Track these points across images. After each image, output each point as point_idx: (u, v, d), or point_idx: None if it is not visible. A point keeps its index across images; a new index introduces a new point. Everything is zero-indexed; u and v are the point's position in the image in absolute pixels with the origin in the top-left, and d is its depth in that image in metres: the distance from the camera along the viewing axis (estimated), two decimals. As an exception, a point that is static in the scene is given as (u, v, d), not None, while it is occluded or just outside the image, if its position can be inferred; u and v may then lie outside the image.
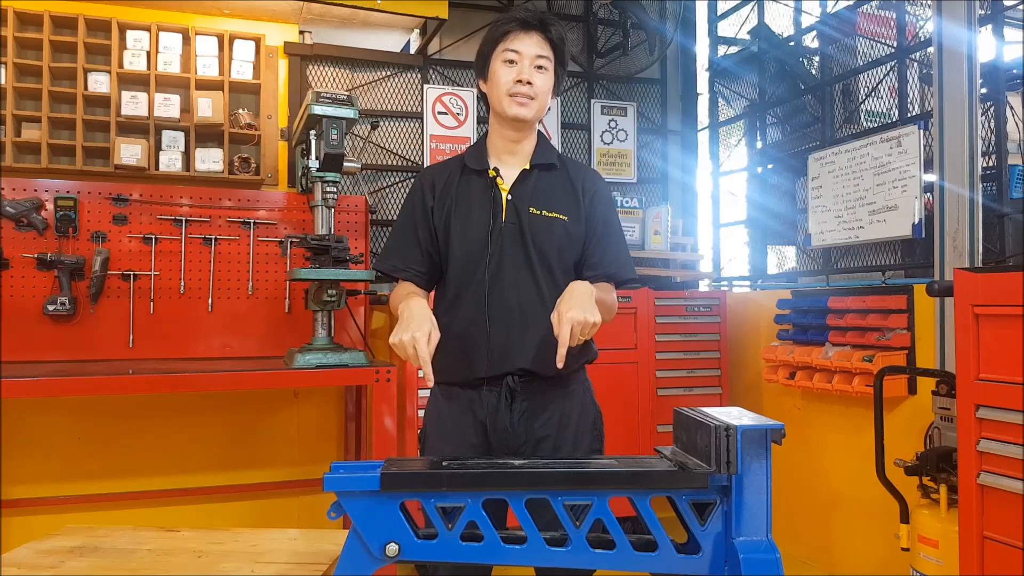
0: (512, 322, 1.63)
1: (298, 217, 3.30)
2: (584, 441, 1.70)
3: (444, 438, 1.69)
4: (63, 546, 1.67)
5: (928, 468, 2.19)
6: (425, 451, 1.74)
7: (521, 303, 1.64)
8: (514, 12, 1.69)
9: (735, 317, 3.58)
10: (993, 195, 2.55)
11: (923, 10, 2.94)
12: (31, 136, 3.01)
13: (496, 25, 1.69)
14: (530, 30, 1.66)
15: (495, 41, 1.68)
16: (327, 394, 3.45)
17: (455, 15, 3.53)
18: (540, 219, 1.67)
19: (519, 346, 1.63)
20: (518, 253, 1.65)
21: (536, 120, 1.71)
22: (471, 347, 1.64)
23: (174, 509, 3.17)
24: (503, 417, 1.64)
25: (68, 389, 2.45)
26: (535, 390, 1.65)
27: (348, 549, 1.11)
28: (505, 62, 1.66)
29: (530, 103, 1.65)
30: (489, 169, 1.70)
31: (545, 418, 1.66)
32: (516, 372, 1.63)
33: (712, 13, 4.20)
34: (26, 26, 3.06)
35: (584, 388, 1.75)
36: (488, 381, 1.64)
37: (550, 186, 1.71)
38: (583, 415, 1.72)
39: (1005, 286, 1.80)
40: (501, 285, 1.64)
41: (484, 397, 1.65)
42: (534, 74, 1.65)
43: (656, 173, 4.25)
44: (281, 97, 3.44)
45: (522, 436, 1.65)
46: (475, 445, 1.66)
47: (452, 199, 1.70)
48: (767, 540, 1.10)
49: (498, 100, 1.67)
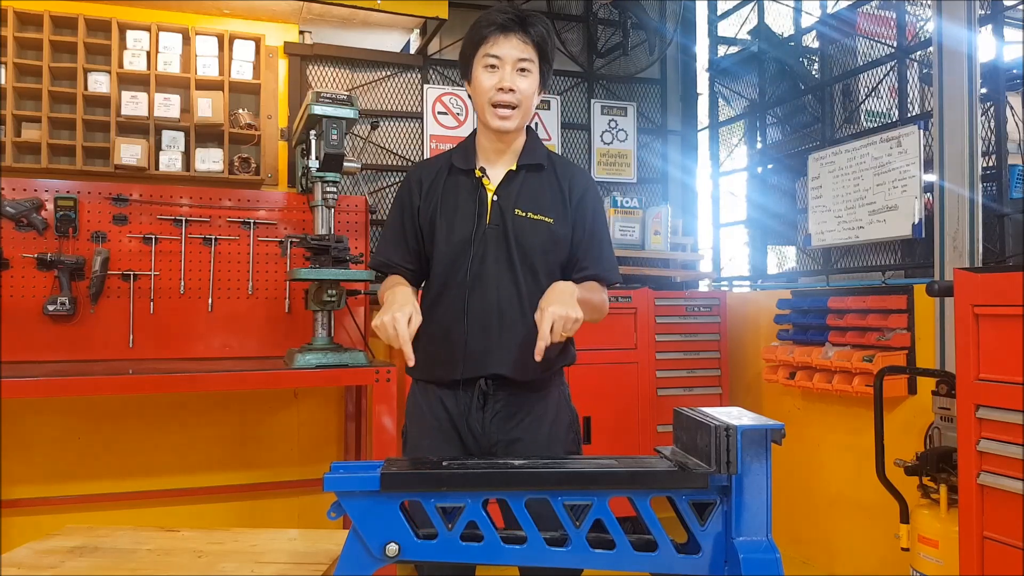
0: (490, 325, 1.63)
1: (298, 217, 3.30)
2: (559, 443, 1.70)
3: (423, 433, 1.70)
4: (63, 546, 1.67)
5: (928, 468, 2.19)
6: (407, 445, 1.75)
7: (501, 306, 1.63)
8: (492, 14, 1.63)
9: (735, 317, 3.58)
10: (993, 195, 2.55)
11: (923, 10, 2.95)
12: (31, 136, 3.01)
13: (475, 27, 1.64)
14: (509, 32, 1.61)
15: (475, 45, 1.64)
16: (327, 394, 3.44)
17: (455, 15, 3.53)
18: (525, 221, 1.65)
19: (496, 350, 1.63)
20: (501, 255, 1.64)
21: (522, 126, 1.69)
22: (449, 348, 1.65)
23: (174, 509, 3.16)
24: (475, 418, 1.65)
25: (68, 389, 2.45)
26: (509, 393, 1.65)
27: (348, 549, 1.11)
28: (486, 67, 1.62)
29: (512, 114, 1.62)
30: (476, 169, 1.69)
31: (518, 420, 1.66)
32: (490, 376, 1.63)
33: (712, 13, 4.20)
34: (26, 26, 3.06)
35: (560, 391, 1.75)
36: (463, 383, 1.65)
37: (537, 187, 1.70)
38: (558, 418, 1.71)
39: (1005, 286, 1.80)
40: (482, 287, 1.64)
41: (458, 397, 1.66)
42: (516, 79, 1.61)
43: (656, 173, 4.25)
44: (281, 97, 3.44)
45: (494, 437, 1.66)
46: (452, 442, 1.67)
47: (438, 198, 1.69)
48: (767, 540, 1.10)
49: (481, 109, 1.65)
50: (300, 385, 3.25)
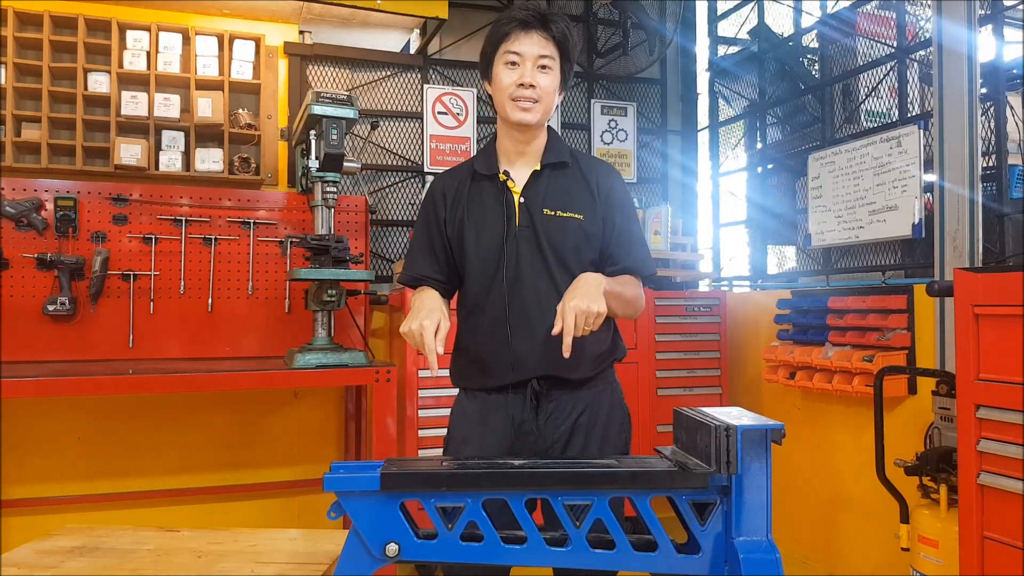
0: (533, 328, 1.61)
1: (298, 217, 3.30)
2: (611, 443, 1.67)
3: (467, 441, 1.67)
4: (63, 546, 1.67)
5: (928, 468, 2.19)
6: (447, 453, 1.72)
7: (541, 307, 1.61)
8: (514, 11, 1.63)
9: (735, 317, 3.58)
10: (993, 195, 2.55)
11: (923, 10, 2.94)
12: (31, 136, 3.01)
13: (497, 26, 1.64)
14: (530, 29, 1.60)
15: (496, 43, 1.63)
16: (327, 394, 3.44)
17: (455, 15, 3.53)
18: (554, 220, 1.64)
19: (542, 351, 1.60)
20: (535, 256, 1.63)
21: (543, 121, 1.67)
22: (494, 355, 1.63)
23: (174, 509, 3.16)
24: (529, 420, 1.63)
25: (68, 389, 2.45)
26: (561, 392, 1.64)
27: (348, 549, 1.11)
28: (507, 64, 1.61)
29: (534, 107, 1.61)
30: (499, 173, 1.67)
31: (573, 419, 1.64)
32: (541, 377, 1.62)
33: (712, 13, 4.20)
34: (26, 26, 3.06)
35: (612, 388, 1.72)
36: (513, 387, 1.63)
37: (563, 185, 1.68)
38: (611, 416, 1.69)
39: (1005, 286, 1.80)
40: (520, 291, 1.62)
41: (511, 401, 1.64)
42: (537, 75, 1.60)
43: (656, 173, 4.25)
44: (281, 97, 3.44)
45: (548, 439, 1.63)
46: (500, 448, 1.64)
47: (463, 207, 1.67)
48: (767, 540, 1.10)
49: (502, 105, 1.64)
50: (300, 385, 3.25)
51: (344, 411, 3.45)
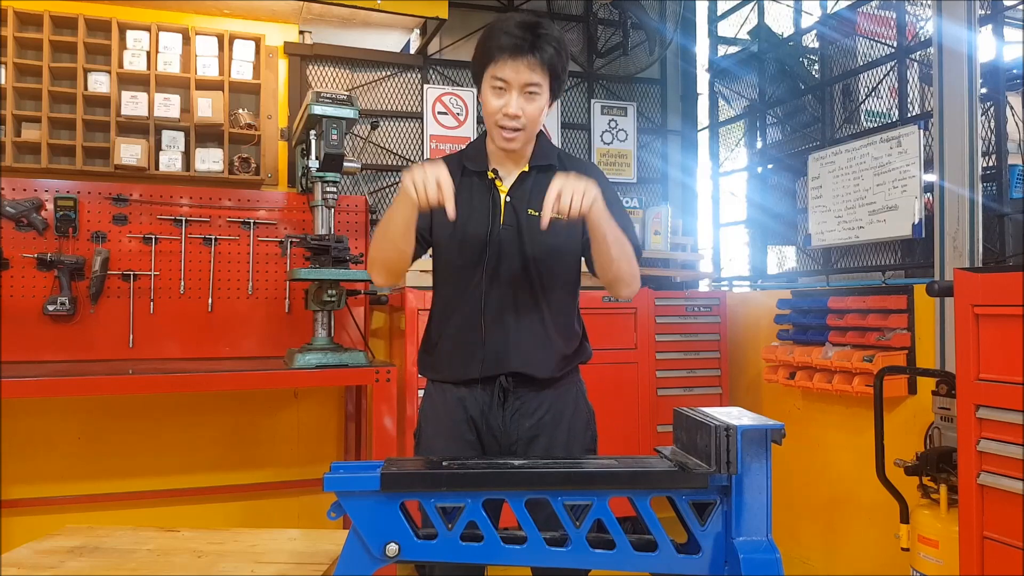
0: (507, 324, 1.64)
1: (298, 217, 3.30)
2: (577, 442, 1.71)
3: (438, 433, 1.70)
4: (63, 546, 1.67)
5: (928, 468, 2.19)
6: (420, 446, 1.75)
7: (517, 305, 1.65)
8: (506, 26, 1.57)
9: (735, 317, 3.58)
10: (993, 195, 2.55)
11: (923, 10, 2.94)
12: (31, 136, 3.01)
13: (487, 38, 1.59)
14: (518, 56, 1.55)
15: (483, 63, 1.60)
16: (327, 394, 3.44)
17: (455, 15, 3.53)
18: (538, 220, 1.63)
19: (514, 348, 1.64)
20: (516, 255, 1.65)
21: (528, 141, 1.67)
22: (466, 348, 1.66)
23: (174, 509, 3.16)
24: (495, 416, 1.66)
25: (68, 389, 2.46)
26: (528, 390, 1.67)
27: (348, 549, 1.11)
28: (494, 88, 1.58)
29: (516, 135, 1.61)
30: (488, 171, 1.69)
31: (537, 417, 1.67)
32: (509, 373, 1.64)
33: (712, 13, 4.20)
34: (26, 26, 3.06)
35: (577, 388, 1.76)
36: (481, 381, 1.66)
37: (548, 186, 1.68)
38: (576, 415, 1.72)
39: (1005, 286, 1.80)
40: (498, 287, 1.65)
41: (477, 395, 1.67)
42: (523, 103, 1.57)
43: (656, 173, 4.25)
44: (281, 97, 3.44)
45: (513, 435, 1.67)
46: (469, 441, 1.68)
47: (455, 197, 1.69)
48: (767, 540, 1.10)
49: (489, 126, 1.65)
50: (300, 385, 3.25)
51: (344, 411, 3.45)
